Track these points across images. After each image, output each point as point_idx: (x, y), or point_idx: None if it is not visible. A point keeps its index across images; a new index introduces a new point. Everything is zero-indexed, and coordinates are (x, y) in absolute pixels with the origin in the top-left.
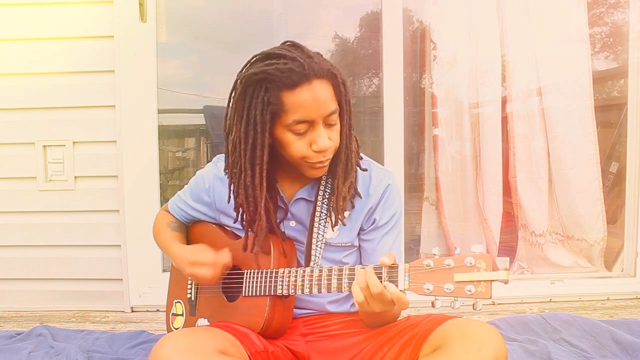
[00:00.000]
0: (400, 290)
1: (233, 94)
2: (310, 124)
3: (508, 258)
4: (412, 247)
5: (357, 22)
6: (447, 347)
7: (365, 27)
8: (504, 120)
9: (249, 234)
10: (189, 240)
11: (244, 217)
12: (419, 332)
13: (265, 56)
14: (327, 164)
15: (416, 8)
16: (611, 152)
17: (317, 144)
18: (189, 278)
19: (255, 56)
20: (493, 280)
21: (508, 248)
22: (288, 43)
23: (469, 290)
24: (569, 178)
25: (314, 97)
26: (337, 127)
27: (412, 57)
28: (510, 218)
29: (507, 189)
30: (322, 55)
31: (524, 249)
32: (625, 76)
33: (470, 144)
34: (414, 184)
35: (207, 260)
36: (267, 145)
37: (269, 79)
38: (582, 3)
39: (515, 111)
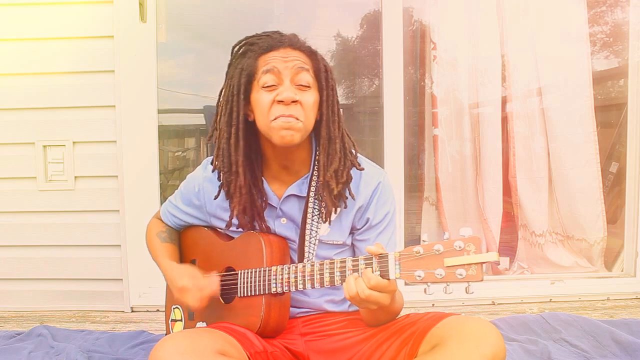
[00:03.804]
0: (390, 280)
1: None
2: (279, 78)
3: (508, 258)
4: None
5: (357, 22)
6: (445, 345)
7: (365, 26)
8: (504, 120)
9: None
10: (182, 246)
11: (224, 180)
12: (418, 329)
13: (253, 34)
14: (294, 125)
15: (416, 8)
16: (611, 152)
17: (280, 95)
18: None
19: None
20: (483, 263)
21: (508, 248)
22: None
23: (460, 274)
24: (569, 178)
25: (284, 55)
26: (311, 94)
27: (412, 57)
28: (510, 218)
29: (507, 189)
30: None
31: (524, 249)
32: (625, 76)
33: (470, 144)
34: (414, 184)
35: (193, 290)
36: (242, 107)
37: (250, 49)
38: (582, 2)
39: (515, 111)
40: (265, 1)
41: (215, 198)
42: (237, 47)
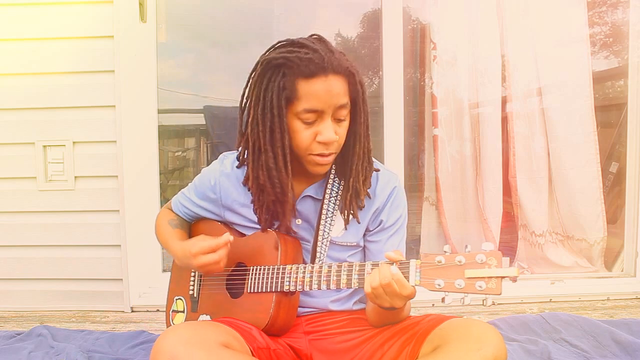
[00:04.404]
0: (413, 286)
1: (252, 75)
2: (319, 115)
3: (508, 258)
4: (412, 247)
5: (357, 22)
6: (447, 346)
7: (365, 26)
8: (504, 120)
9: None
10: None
11: (265, 199)
12: (419, 330)
13: (289, 43)
14: (330, 159)
15: (416, 7)
16: (611, 152)
17: (322, 135)
18: (192, 274)
19: (280, 42)
20: (504, 277)
21: (508, 248)
22: (314, 36)
23: (480, 287)
24: (569, 178)
25: (327, 90)
26: (346, 123)
27: (412, 57)
28: (510, 218)
29: (507, 189)
30: (344, 55)
31: (524, 249)
32: (625, 76)
33: (470, 144)
34: (414, 184)
35: (210, 246)
36: (286, 130)
37: (288, 65)
38: (582, 3)
39: (515, 111)
40: (265, 1)
41: (252, 202)
42: (272, 57)
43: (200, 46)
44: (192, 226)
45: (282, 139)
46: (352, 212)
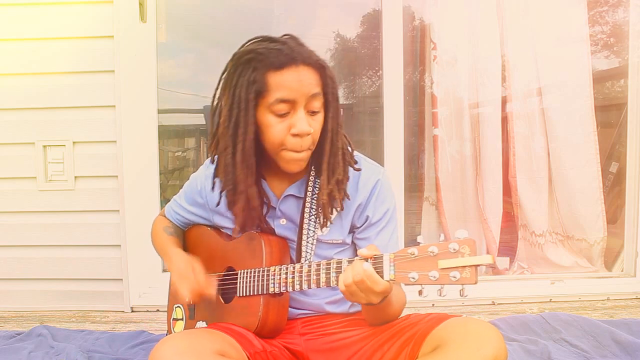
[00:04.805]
0: (387, 281)
1: (223, 74)
2: (292, 105)
3: (508, 258)
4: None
5: (357, 22)
6: (447, 346)
7: (365, 26)
8: (504, 120)
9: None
10: (185, 245)
11: (229, 199)
12: (419, 331)
13: (260, 39)
14: (304, 156)
15: (416, 7)
16: (611, 152)
17: (296, 127)
18: None
19: (249, 39)
20: (478, 265)
21: (508, 248)
22: (286, 36)
23: (454, 277)
24: (569, 178)
25: (298, 79)
26: (320, 117)
27: (412, 57)
28: (510, 218)
29: (507, 189)
30: (314, 52)
31: (524, 249)
32: (625, 76)
33: (470, 144)
34: (414, 184)
35: (190, 281)
36: (251, 124)
37: (258, 59)
38: (582, 3)
39: (515, 111)
40: (265, 1)
41: (217, 205)
42: (242, 53)
43: (200, 46)
44: (185, 233)
45: (245, 133)
46: (324, 210)
